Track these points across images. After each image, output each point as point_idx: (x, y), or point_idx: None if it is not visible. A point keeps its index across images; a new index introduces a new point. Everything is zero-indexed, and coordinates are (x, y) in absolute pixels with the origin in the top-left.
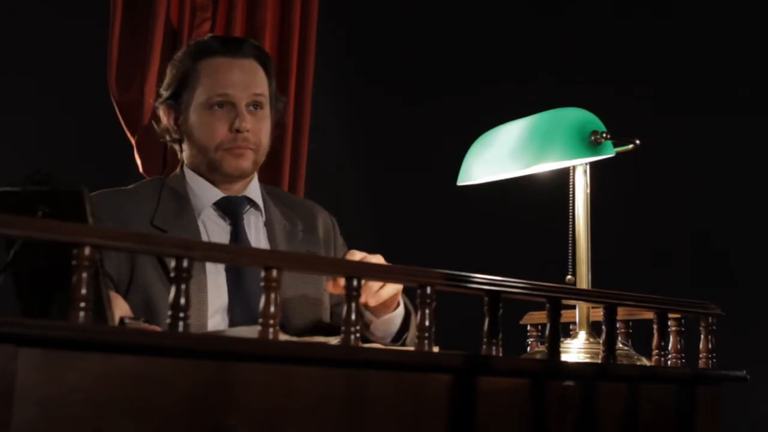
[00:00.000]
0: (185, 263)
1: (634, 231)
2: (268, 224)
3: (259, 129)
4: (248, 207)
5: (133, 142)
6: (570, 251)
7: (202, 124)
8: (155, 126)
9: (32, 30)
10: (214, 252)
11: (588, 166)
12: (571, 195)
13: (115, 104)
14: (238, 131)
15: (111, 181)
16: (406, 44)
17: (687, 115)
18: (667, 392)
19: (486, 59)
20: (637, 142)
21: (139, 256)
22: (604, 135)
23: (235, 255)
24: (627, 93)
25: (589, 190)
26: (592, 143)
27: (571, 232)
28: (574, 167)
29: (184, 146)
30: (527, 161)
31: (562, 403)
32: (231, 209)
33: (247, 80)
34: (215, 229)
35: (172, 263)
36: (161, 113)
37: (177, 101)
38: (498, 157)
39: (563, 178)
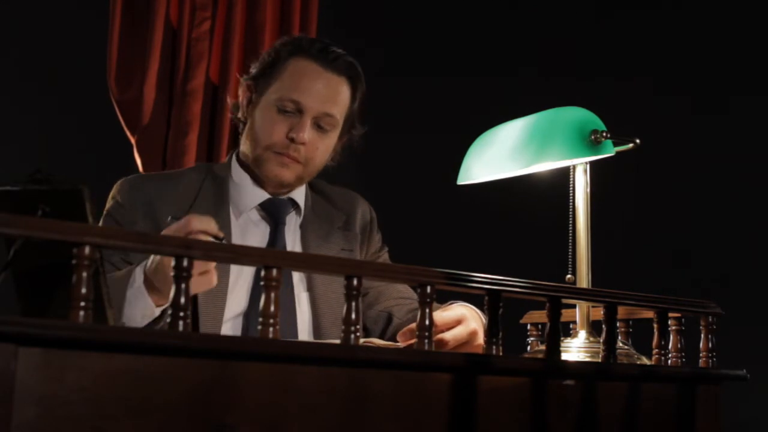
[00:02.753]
0: (185, 263)
1: (634, 230)
2: (303, 226)
3: (316, 147)
4: (292, 210)
5: (132, 141)
6: (570, 250)
7: (264, 120)
8: (228, 99)
9: (32, 30)
10: (214, 252)
11: (588, 166)
12: (571, 194)
13: (114, 104)
14: (292, 140)
15: (111, 180)
16: (406, 44)
17: (687, 115)
18: (667, 391)
19: (486, 58)
20: (637, 141)
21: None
22: (604, 134)
23: (236, 255)
24: (627, 92)
25: (589, 189)
26: (592, 142)
27: (571, 231)
28: (574, 166)
29: (245, 131)
30: (527, 160)
31: (562, 402)
32: (274, 212)
33: (326, 96)
34: (254, 233)
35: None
36: (240, 89)
37: (256, 84)
38: (498, 156)
39: (563, 177)
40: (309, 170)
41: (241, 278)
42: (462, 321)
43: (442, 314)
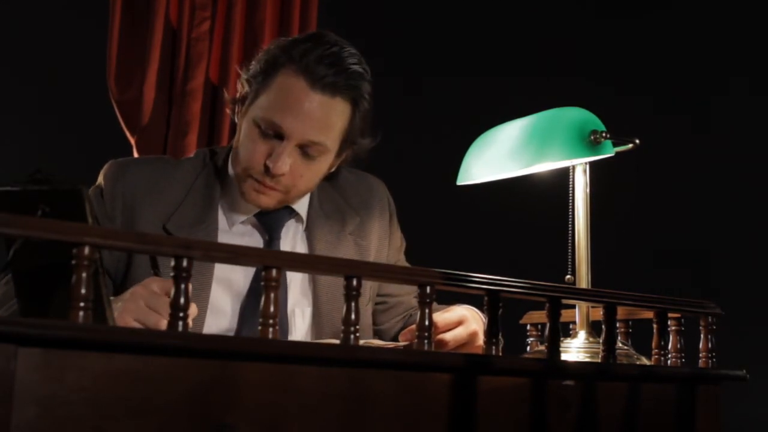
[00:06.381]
0: (185, 263)
1: (634, 231)
2: (309, 231)
3: (300, 174)
4: (290, 218)
5: (132, 141)
6: (570, 251)
7: (246, 137)
8: (226, 92)
9: (32, 30)
10: (213, 252)
11: (588, 166)
12: (570, 194)
13: (114, 104)
14: (268, 169)
15: None
16: (405, 44)
17: (687, 115)
18: (667, 392)
19: (485, 59)
20: (637, 141)
21: (135, 256)
22: (604, 134)
23: (235, 255)
24: (627, 93)
25: (588, 190)
26: (591, 143)
27: (570, 231)
28: (573, 167)
29: (237, 132)
30: (527, 161)
31: (562, 402)
32: (269, 224)
33: (313, 121)
34: (244, 245)
35: (171, 263)
36: (239, 84)
37: (250, 86)
38: (498, 156)
39: (563, 177)
40: (293, 195)
41: (230, 295)
42: (463, 322)
43: (443, 315)
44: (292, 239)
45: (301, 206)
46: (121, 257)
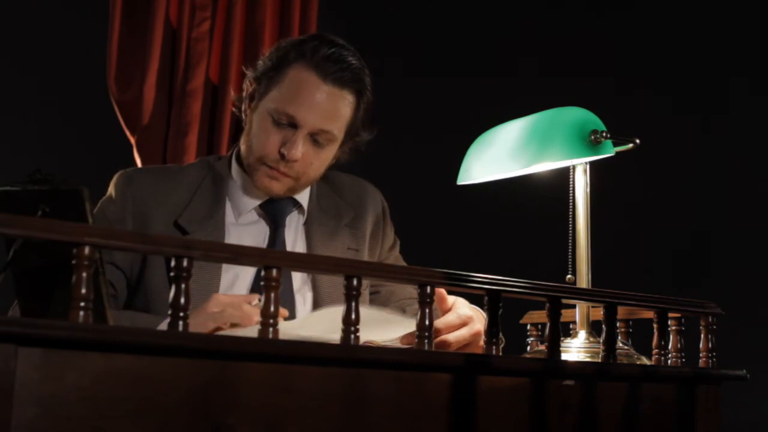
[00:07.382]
0: (185, 263)
1: (634, 230)
2: (308, 224)
3: (311, 162)
4: (293, 209)
5: (132, 141)
6: (570, 250)
7: (259, 129)
8: (232, 91)
9: (32, 30)
10: (214, 252)
11: (588, 166)
12: (571, 194)
13: (114, 104)
14: (284, 156)
15: (111, 180)
16: (405, 44)
17: (687, 115)
18: (667, 391)
19: (485, 59)
20: (637, 141)
21: (151, 259)
22: (604, 134)
23: (235, 255)
24: (627, 92)
25: (588, 190)
26: (591, 142)
27: (571, 231)
28: (573, 166)
29: (244, 130)
30: (527, 160)
31: (562, 402)
32: (274, 213)
33: (324, 111)
34: (252, 234)
35: (173, 262)
36: (245, 83)
37: (259, 83)
38: (498, 156)
39: (563, 177)
40: (302, 182)
41: (239, 281)
42: (467, 323)
43: (446, 319)
44: (295, 230)
45: (303, 198)
46: (135, 257)
